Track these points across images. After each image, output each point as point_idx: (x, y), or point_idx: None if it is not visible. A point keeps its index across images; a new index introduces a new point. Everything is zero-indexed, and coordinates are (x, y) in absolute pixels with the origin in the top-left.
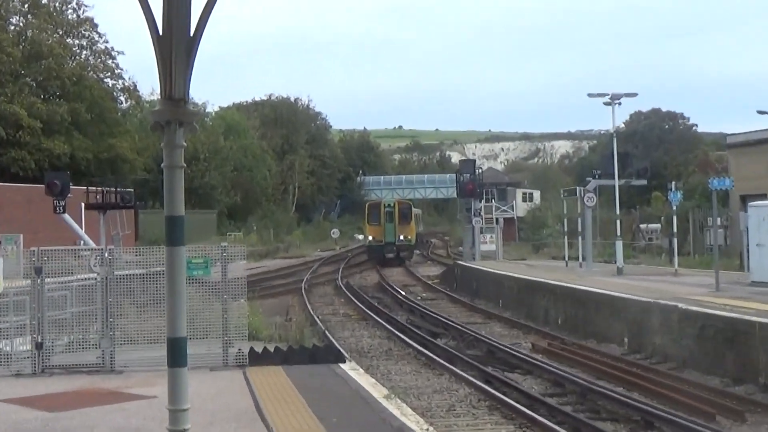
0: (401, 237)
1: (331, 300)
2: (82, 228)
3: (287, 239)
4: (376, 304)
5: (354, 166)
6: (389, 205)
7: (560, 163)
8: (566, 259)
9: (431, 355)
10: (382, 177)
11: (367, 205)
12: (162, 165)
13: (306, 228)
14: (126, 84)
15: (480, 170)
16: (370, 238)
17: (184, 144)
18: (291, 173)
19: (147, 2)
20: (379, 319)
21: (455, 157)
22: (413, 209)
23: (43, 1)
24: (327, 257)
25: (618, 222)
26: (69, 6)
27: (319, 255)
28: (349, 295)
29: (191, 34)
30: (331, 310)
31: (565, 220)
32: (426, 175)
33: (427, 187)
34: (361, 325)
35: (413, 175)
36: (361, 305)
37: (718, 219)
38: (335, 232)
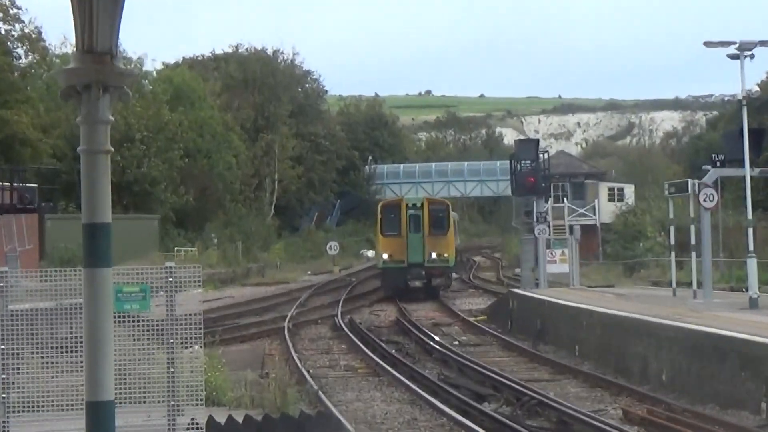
0: (433, 255)
1: (327, 346)
2: None
3: (263, 257)
4: (393, 352)
5: (361, 150)
6: (415, 205)
7: (663, 143)
8: (673, 285)
9: (476, 428)
10: (401, 165)
11: (380, 207)
12: (78, 149)
13: (291, 240)
14: (26, 30)
15: (546, 155)
16: (386, 256)
17: (111, 118)
18: (268, 160)
19: None
20: (398, 375)
21: (509, 136)
22: (451, 212)
23: None
24: (321, 283)
25: (750, 231)
26: None
27: (309, 280)
28: (353, 338)
29: None
30: (327, 361)
31: (672, 228)
32: (466, 163)
33: (468, 181)
34: (372, 384)
35: (447, 162)
36: (371, 354)
37: None
38: (333, 247)
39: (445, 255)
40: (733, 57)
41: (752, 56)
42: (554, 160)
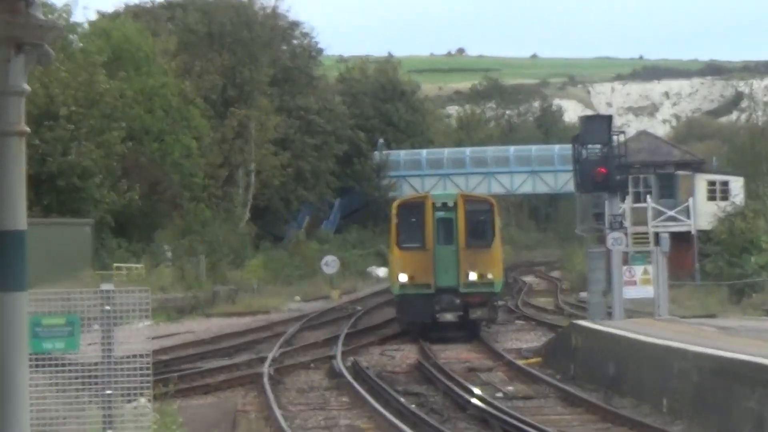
0: (472, 276)
1: (322, 399)
2: None
3: (234, 277)
4: (413, 407)
5: (368, 130)
6: (445, 204)
7: None
8: None
9: None
10: (423, 151)
11: (396, 207)
12: None
13: (273, 254)
14: None
15: (622, 136)
16: (404, 277)
17: (27, 88)
18: (242, 144)
19: None
20: None
21: (572, 111)
22: (497, 214)
23: None
24: (314, 313)
25: None
26: None
27: (298, 309)
28: (358, 388)
29: None
30: (322, 421)
31: None
32: (512, 148)
33: (516, 172)
34: None
35: (486, 147)
36: (383, 410)
37: None
38: (331, 263)
39: (489, 276)
40: None
41: None
42: (634, 144)
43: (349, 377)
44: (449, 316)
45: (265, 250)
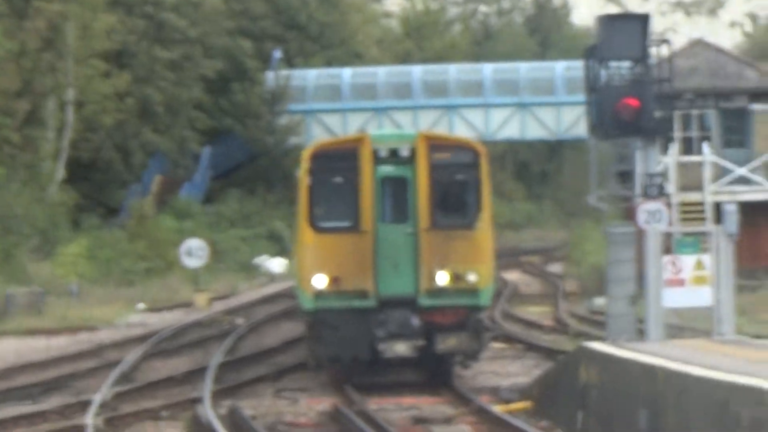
0: (441, 278)
1: None
2: None
3: (41, 272)
4: None
5: (257, 38)
6: (395, 153)
7: None
8: None
9: None
10: (346, 71)
11: (308, 158)
12: None
13: (103, 236)
14: None
15: (665, 48)
16: (323, 281)
17: None
18: (54, 59)
19: None
20: None
21: (584, 6)
22: (484, 172)
23: None
24: (168, 331)
25: None
26: None
27: (142, 324)
28: None
29: None
30: None
31: None
32: (488, 66)
33: (493, 106)
34: None
35: (447, 64)
36: None
37: None
38: (194, 251)
39: (471, 277)
40: None
41: None
42: (684, 62)
43: None
44: (401, 348)
45: (91, 229)
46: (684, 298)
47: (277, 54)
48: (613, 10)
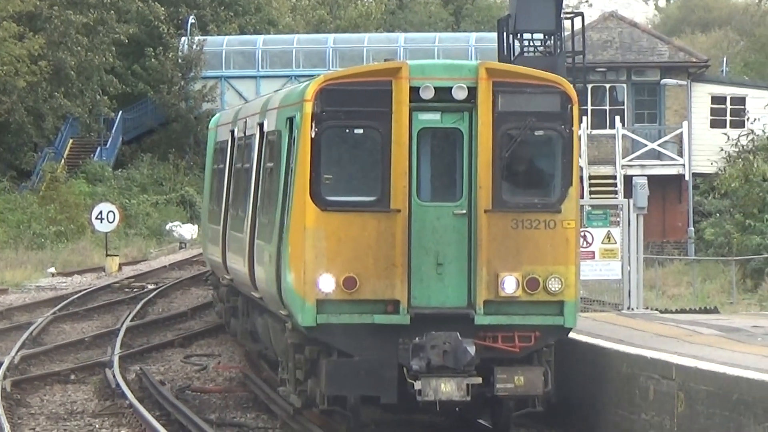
0: (510, 284)
1: None
2: None
3: None
4: None
5: (171, 3)
6: (446, 93)
7: None
8: None
9: None
10: (260, 38)
11: (312, 93)
12: None
13: (12, 199)
14: None
15: (579, 20)
16: (329, 283)
17: None
18: None
19: None
20: None
21: None
22: (575, 127)
23: None
24: (78, 295)
25: None
26: None
27: (52, 287)
28: (146, 416)
29: None
30: None
31: None
32: (401, 36)
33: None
34: None
35: (361, 33)
36: None
37: None
38: (105, 216)
39: (555, 284)
40: None
41: None
42: (597, 34)
43: (133, 398)
44: (447, 388)
45: (1, 192)
46: (593, 271)
47: (191, 20)
48: None
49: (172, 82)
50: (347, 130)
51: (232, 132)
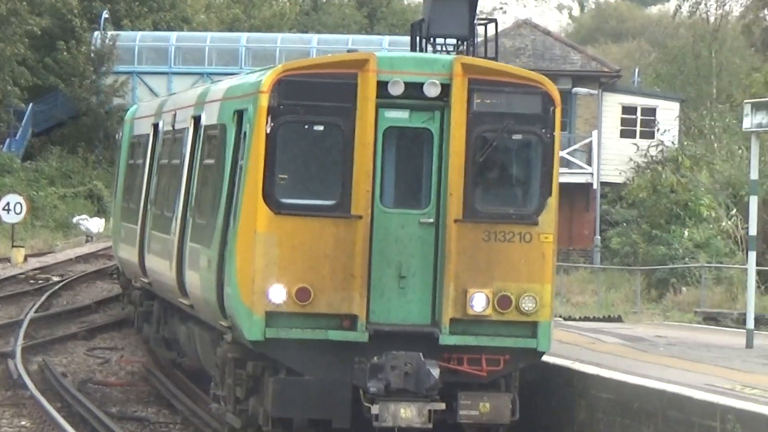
0: (479, 301)
1: None
2: None
3: None
4: None
5: None
6: (416, 89)
7: (745, 17)
8: (749, 324)
9: None
10: (173, 35)
11: (270, 86)
12: None
13: None
14: None
15: (492, 27)
16: (280, 293)
17: None
18: None
19: None
20: None
21: None
22: (557, 129)
23: None
24: None
25: None
26: None
27: None
28: (48, 408)
29: None
30: None
31: (754, 201)
32: (315, 37)
33: None
34: None
35: (276, 33)
36: None
37: None
38: (12, 207)
39: (527, 300)
40: None
41: None
42: (510, 41)
43: (34, 389)
44: (407, 414)
45: None
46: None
47: (105, 15)
48: None
49: (83, 76)
50: (306, 127)
51: (156, 125)
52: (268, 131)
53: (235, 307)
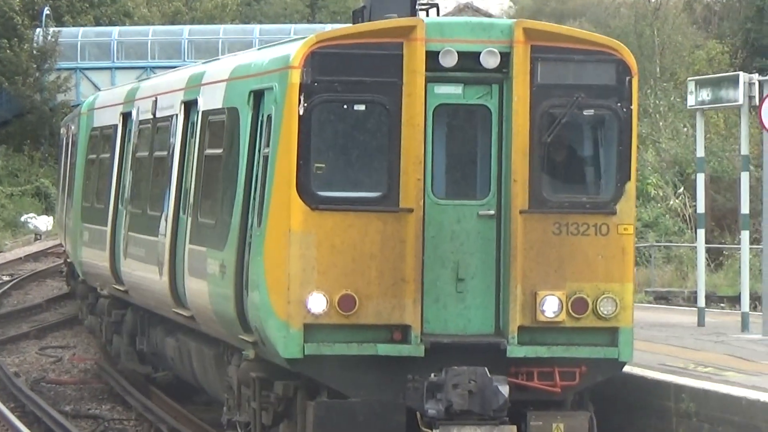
0: (552, 304)
1: None
2: None
3: None
4: None
5: None
6: (472, 58)
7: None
8: (700, 302)
9: None
10: (115, 30)
11: (302, 61)
12: None
13: None
14: None
15: (434, 12)
16: (320, 303)
17: None
18: None
19: None
20: None
21: None
22: (635, 104)
23: None
24: None
25: None
26: None
27: None
28: (1, 408)
29: None
30: None
31: (701, 178)
32: (257, 27)
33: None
34: None
35: (218, 25)
36: None
37: None
38: None
39: (606, 303)
40: None
41: None
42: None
43: None
44: None
45: None
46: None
47: (46, 12)
48: None
49: (27, 74)
50: (345, 106)
51: (127, 114)
52: (301, 112)
53: (265, 319)
